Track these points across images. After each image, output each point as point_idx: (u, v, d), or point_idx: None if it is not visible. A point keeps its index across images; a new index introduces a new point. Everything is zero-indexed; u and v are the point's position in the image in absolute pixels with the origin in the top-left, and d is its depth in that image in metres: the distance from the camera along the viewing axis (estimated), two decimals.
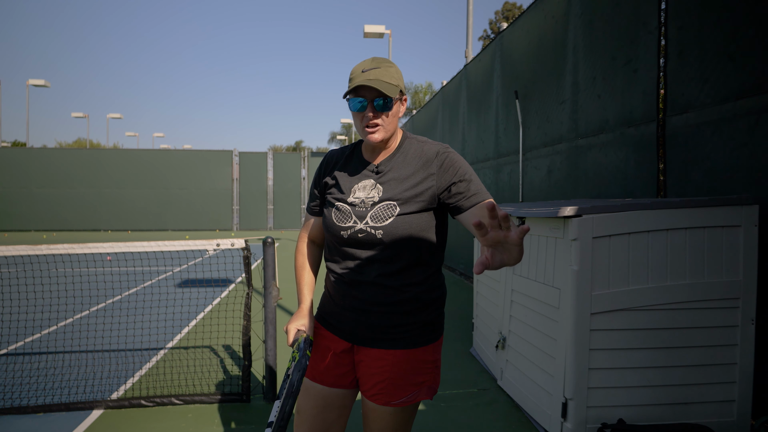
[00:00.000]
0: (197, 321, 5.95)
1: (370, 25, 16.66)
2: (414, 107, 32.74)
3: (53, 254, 3.43)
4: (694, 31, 3.53)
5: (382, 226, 1.63)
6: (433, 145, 1.71)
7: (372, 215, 1.65)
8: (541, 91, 5.91)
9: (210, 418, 3.40)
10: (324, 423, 1.79)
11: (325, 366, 1.79)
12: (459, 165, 1.66)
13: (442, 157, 1.67)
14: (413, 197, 1.65)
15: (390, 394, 1.70)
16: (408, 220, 1.64)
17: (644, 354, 2.84)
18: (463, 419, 3.40)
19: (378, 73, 1.61)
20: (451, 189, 1.63)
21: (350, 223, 1.67)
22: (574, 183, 5.14)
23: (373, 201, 1.67)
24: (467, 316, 6.05)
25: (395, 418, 1.73)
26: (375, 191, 1.68)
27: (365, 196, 1.68)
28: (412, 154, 1.70)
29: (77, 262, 6.34)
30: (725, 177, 3.25)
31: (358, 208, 1.68)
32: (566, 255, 2.90)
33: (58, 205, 22.98)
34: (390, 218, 1.63)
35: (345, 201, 1.71)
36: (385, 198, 1.65)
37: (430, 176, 1.65)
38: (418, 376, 1.72)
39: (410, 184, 1.66)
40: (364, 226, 1.65)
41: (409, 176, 1.67)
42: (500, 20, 39.46)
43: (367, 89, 1.62)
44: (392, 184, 1.67)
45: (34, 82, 27.91)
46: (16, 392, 3.72)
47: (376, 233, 1.63)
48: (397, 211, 1.64)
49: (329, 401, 1.79)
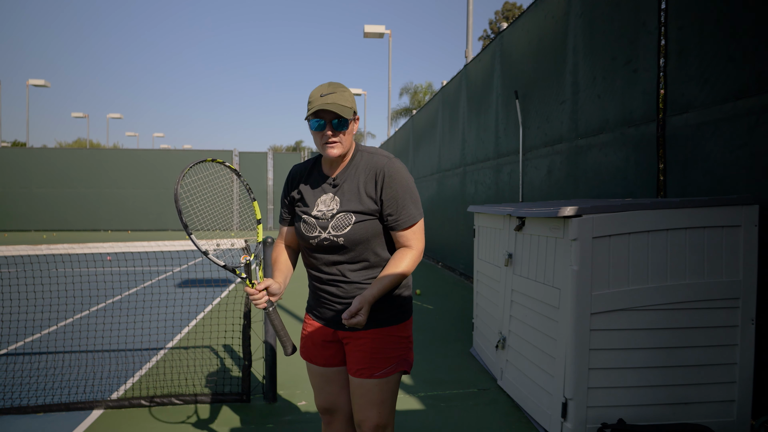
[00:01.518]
0: (197, 321, 5.95)
1: (370, 25, 16.68)
2: (414, 107, 32.72)
3: (53, 254, 3.43)
4: (694, 31, 3.53)
5: (342, 234, 1.92)
6: (381, 157, 1.96)
7: (333, 225, 1.93)
8: (541, 91, 5.91)
9: (210, 418, 3.40)
10: (330, 395, 2.13)
11: (316, 350, 2.11)
12: (395, 186, 1.91)
13: (383, 172, 1.92)
14: (365, 207, 1.92)
15: (372, 368, 1.98)
16: (363, 227, 1.92)
17: (644, 354, 2.84)
18: (463, 419, 3.40)
19: (335, 97, 1.86)
20: (383, 208, 1.92)
21: (316, 233, 1.96)
22: (574, 183, 5.14)
23: (332, 213, 1.94)
24: (467, 316, 6.04)
25: (381, 389, 2.00)
26: (333, 203, 1.95)
27: (326, 209, 1.95)
28: (362, 166, 1.96)
29: (77, 262, 6.34)
30: (725, 177, 3.25)
31: (320, 220, 1.95)
32: (566, 255, 2.90)
33: (58, 205, 22.98)
34: (348, 227, 1.91)
35: (310, 214, 1.98)
36: (342, 210, 1.93)
37: (375, 189, 1.92)
38: (395, 350, 2.02)
39: (361, 195, 1.93)
40: (327, 234, 1.93)
41: (360, 188, 1.93)
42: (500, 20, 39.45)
43: (325, 111, 1.87)
44: (347, 195, 1.94)
45: (34, 82, 27.92)
46: (16, 392, 3.72)
47: (338, 240, 1.93)
48: (353, 220, 1.91)
49: (327, 377, 2.12)
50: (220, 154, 24.21)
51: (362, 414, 2.02)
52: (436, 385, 3.98)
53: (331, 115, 1.87)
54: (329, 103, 1.84)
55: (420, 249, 1.97)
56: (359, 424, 2.04)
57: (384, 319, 2.00)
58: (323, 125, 1.88)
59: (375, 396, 2.00)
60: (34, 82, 27.95)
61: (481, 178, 8.13)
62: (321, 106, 1.84)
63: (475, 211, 4.58)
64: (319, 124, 1.88)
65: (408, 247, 1.95)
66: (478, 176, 8.29)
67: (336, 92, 1.87)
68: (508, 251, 3.78)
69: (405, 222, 1.93)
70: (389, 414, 2.05)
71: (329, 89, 1.88)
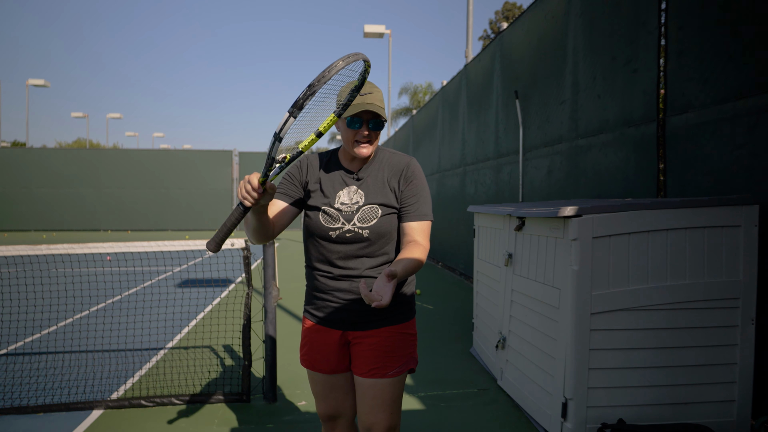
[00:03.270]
0: (197, 321, 5.95)
1: (370, 25, 16.67)
2: (414, 107, 32.71)
3: (53, 254, 3.43)
4: (694, 31, 3.53)
5: (368, 227, 1.90)
6: (402, 156, 2.00)
7: (359, 217, 1.91)
8: (541, 91, 5.91)
9: (210, 418, 3.40)
10: (335, 401, 2.08)
11: (320, 356, 2.04)
12: (417, 183, 1.95)
13: (408, 169, 1.95)
14: (389, 201, 1.93)
15: (385, 367, 1.96)
16: (389, 220, 1.93)
17: (644, 354, 2.84)
18: (463, 419, 3.40)
19: (373, 97, 1.84)
20: (403, 200, 1.94)
21: (338, 224, 1.91)
22: (574, 183, 5.14)
23: (358, 205, 1.92)
24: (467, 316, 6.04)
25: (393, 388, 1.97)
26: (357, 196, 1.93)
27: (350, 201, 1.93)
28: (386, 162, 1.98)
29: (77, 262, 6.33)
30: (725, 177, 3.25)
31: (344, 212, 1.92)
32: (566, 255, 2.90)
33: (58, 205, 22.98)
34: (374, 219, 1.91)
35: (332, 206, 1.93)
36: (369, 202, 1.92)
37: (398, 184, 1.95)
38: (406, 348, 2.01)
39: (386, 189, 1.94)
40: (352, 227, 1.91)
41: (385, 183, 1.95)
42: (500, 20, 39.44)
43: (365, 111, 1.84)
44: (372, 189, 1.94)
45: (34, 82, 27.92)
46: (16, 392, 3.72)
47: (363, 232, 1.90)
48: (379, 213, 1.91)
49: (333, 384, 2.07)
50: (220, 154, 24.21)
51: (373, 416, 1.96)
52: (436, 385, 3.98)
53: (369, 115, 1.85)
54: (369, 104, 1.82)
55: (427, 247, 1.92)
56: (369, 427, 1.98)
57: (394, 317, 1.99)
58: (360, 123, 1.85)
59: (387, 396, 1.96)
60: (34, 82, 27.95)
61: (481, 178, 8.13)
62: (364, 107, 1.81)
63: (475, 211, 4.58)
64: (358, 122, 1.85)
65: (415, 241, 1.89)
66: (478, 176, 8.29)
67: (374, 92, 1.85)
68: (508, 251, 3.78)
69: (419, 215, 1.93)
70: (398, 415, 2.02)
71: (368, 88, 1.84)
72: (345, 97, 1.75)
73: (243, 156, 24.36)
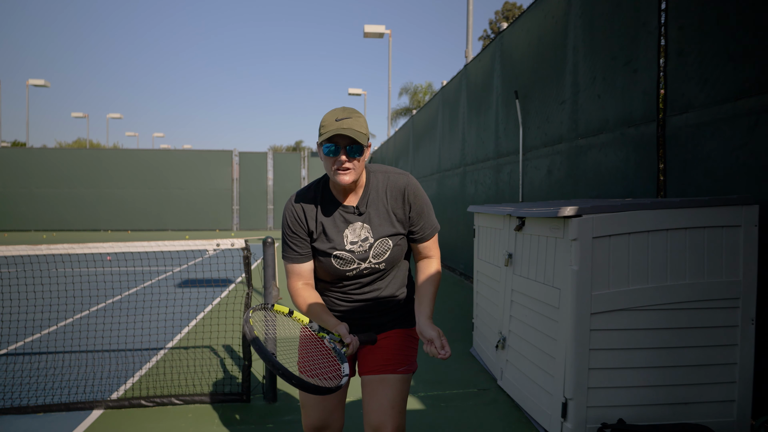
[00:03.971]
0: (197, 321, 5.95)
1: (370, 25, 16.68)
2: (414, 107, 32.71)
3: (53, 254, 3.43)
4: (694, 31, 3.53)
5: (383, 260, 1.94)
6: (398, 177, 1.93)
7: (373, 255, 1.92)
8: (541, 91, 5.91)
9: (210, 418, 3.40)
10: (324, 411, 2.05)
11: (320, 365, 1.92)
12: (420, 202, 1.94)
13: (408, 191, 1.92)
14: (397, 230, 1.94)
15: (397, 363, 1.99)
16: (400, 248, 1.97)
17: (644, 354, 2.84)
18: (463, 419, 3.40)
19: (350, 122, 1.78)
20: (412, 222, 1.95)
21: (354, 266, 1.93)
22: (574, 183, 5.14)
23: (369, 243, 1.91)
24: (467, 316, 6.05)
25: (401, 386, 1.99)
26: (364, 231, 1.90)
27: (360, 240, 1.90)
28: (382, 188, 1.93)
29: (77, 262, 6.34)
30: (725, 177, 3.25)
31: (357, 252, 1.91)
32: (566, 255, 2.90)
33: (58, 205, 22.98)
34: (387, 252, 1.93)
35: (344, 249, 1.90)
36: (378, 236, 1.91)
37: (402, 208, 1.93)
38: (412, 350, 2.08)
39: (392, 218, 1.92)
40: (368, 264, 1.93)
41: (388, 211, 1.92)
42: (500, 20, 39.44)
43: (340, 137, 1.78)
44: (377, 222, 1.91)
45: (34, 82, 27.91)
46: (16, 392, 3.72)
47: (380, 266, 1.94)
48: (391, 244, 1.92)
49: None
50: (220, 154, 24.21)
51: (382, 415, 1.93)
52: (436, 385, 3.98)
53: (346, 141, 1.78)
54: (345, 128, 1.75)
55: (439, 255, 2.06)
56: (377, 428, 1.93)
57: (404, 321, 2.07)
58: (337, 150, 1.78)
59: (396, 393, 1.97)
60: (34, 82, 27.95)
61: (481, 178, 8.13)
62: (337, 131, 1.74)
63: (475, 211, 4.58)
64: (332, 149, 1.78)
65: (429, 258, 2.03)
66: (478, 176, 8.29)
67: (351, 117, 1.79)
68: (508, 251, 3.78)
69: (430, 234, 2.00)
70: (404, 418, 2.01)
71: (344, 114, 1.79)
72: None
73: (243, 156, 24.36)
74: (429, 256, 2.03)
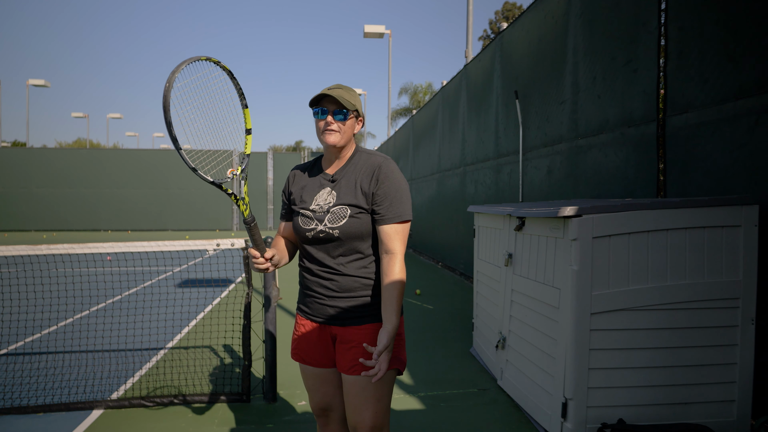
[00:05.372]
0: (197, 321, 5.95)
1: (370, 25, 16.68)
2: (414, 107, 32.71)
3: (53, 254, 3.43)
4: (694, 31, 3.53)
5: (338, 226, 1.97)
6: (378, 157, 2.05)
7: (329, 218, 1.99)
8: (541, 91, 5.91)
9: (210, 418, 3.40)
10: (326, 396, 2.13)
11: (309, 350, 2.10)
12: (389, 184, 1.97)
13: (380, 170, 1.99)
14: (359, 202, 1.98)
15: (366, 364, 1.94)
16: (359, 220, 1.97)
17: (644, 354, 2.84)
18: (463, 419, 3.40)
19: (340, 92, 1.99)
20: (375, 200, 1.98)
21: (312, 225, 2.01)
22: (574, 183, 5.14)
23: (329, 206, 2.00)
24: (467, 316, 6.05)
25: (376, 387, 1.98)
26: (330, 197, 2.02)
27: (323, 202, 2.02)
28: (361, 164, 2.04)
29: (77, 262, 6.35)
30: (725, 177, 3.25)
31: (317, 213, 2.01)
32: (566, 255, 2.90)
33: (58, 205, 22.98)
34: (344, 219, 1.97)
35: (308, 208, 2.04)
36: (339, 203, 1.99)
37: (369, 183, 1.99)
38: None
39: (358, 190, 1.99)
40: (323, 227, 1.99)
41: (356, 183, 2.00)
42: (500, 20, 39.43)
43: (329, 101, 1.99)
44: (344, 190, 2.01)
45: (34, 82, 27.91)
46: (16, 392, 3.72)
47: (334, 232, 1.97)
48: (348, 212, 1.97)
49: (322, 378, 2.11)
50: (220, 154, 24.18)
51: (357, 415, 1.98)
52: (436, 385, 3.98)
53: (333, 105, 1.99)
54: (332, 92, 1.96)
55: (402, 253, 1.96)
56: (354, 427, 2.00)
57: (376, 316, 2.01)
58: (324, 113, 1.99)
59: (370, 394, 1.97)
60: (34, 82, 27.95)
61: (481, 178, 8.13)
62: (324, 92, 1.96)
63: (475, 211, 4.58)
64: (321, 111, 2.00)
65: (390, 253, 1.94)
66: (478, 176, 8.29)
67: (342, 89, 2.01)
68: (508, 251, 3.78)
69: (391, 218, 1.96)
70: (384, 415, 2.02)
71: (336, 86, 2.02)
72: (236, 89, 1.98)
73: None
74: (389, 250, 1.93)
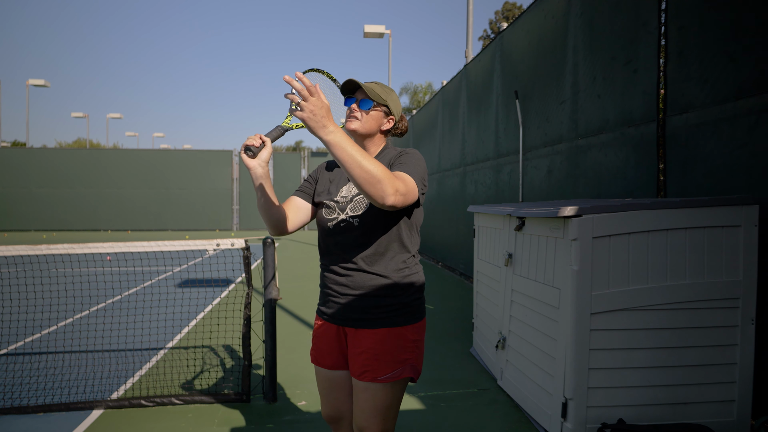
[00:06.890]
0: (197, 321, 5.95)
1: (370, 25, 16.66)
2: (414, 107, 32.72)
3: (53, 254, 3.43)
4: (694, 31, 3.53)
5: (358, 215, 1.92)
6: (404, 149, 2.01)
7: (351, 207, 1.94)
8: (541, 91, 5.91)
9: (210, 418, 3.40)
10: (337, 401, 2.08)
11: (323, 351, 2.06)
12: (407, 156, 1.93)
13: (402, 151, 1.98)
14: None
15: (376, 370, 1.90)
16: (380, 210, 1.87)
17: (644, 354, 2.84)
18: (463, 419, 3.40)
19: (373, 85, 2.00)
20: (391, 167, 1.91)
21: (334, 215, 1.97)
22: (574, 183, 5.14)
23: (352, 195, 1.97)
24: (467, 316, 6.05)
25: (385, 394, 1.92)
26: (355, 188, 1.96)
27: (347, 193, 1.98)
28: (385, 156, 2.01)
29: (77, 262, 6.34)
30: (725, 177, 3.25)
31: (340, 203, 1.98)
32: (566, 255, 2.90)
33: (58, 205, 22.97)
34: (364, 208, 1.91)
35: (332, 200, 2.01)
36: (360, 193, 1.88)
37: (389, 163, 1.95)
38: (402, 353, 1.93)
39: None
40: (345, 216, 1.94)
41: None
42: (500, 20, 39.42)
43: (360, 92, 1.99)
44: None
45: (34, 82, 27.89)
46: (16, 392, 3.72)
47: (354, 221, 1.92)
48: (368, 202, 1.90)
49: (335, 382, 2.06)
50: (220, 154, 24.21)
51: (364, 421, 1.94)
52: (436, 385, 3.98)
53: (361, 95, 2.00)
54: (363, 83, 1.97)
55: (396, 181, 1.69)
56: (361, 430, 1.97)
57: (391, 319, 1.92)
58: (351, 102, 2.01)
59: (379, 402, 1.91)
60: (34, 82, 27.93)
61: (481, 178, 8.13)
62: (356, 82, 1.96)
63: (475, 211, 4.58)
64: (349, 99, 2.02)
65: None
66: (478, 176, 8.29)
67: (380, 85, 2.03)
68: (508, 251, 3.78)
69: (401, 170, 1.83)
70: (392, 422, 1.98)
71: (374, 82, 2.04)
72: None
73: None
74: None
